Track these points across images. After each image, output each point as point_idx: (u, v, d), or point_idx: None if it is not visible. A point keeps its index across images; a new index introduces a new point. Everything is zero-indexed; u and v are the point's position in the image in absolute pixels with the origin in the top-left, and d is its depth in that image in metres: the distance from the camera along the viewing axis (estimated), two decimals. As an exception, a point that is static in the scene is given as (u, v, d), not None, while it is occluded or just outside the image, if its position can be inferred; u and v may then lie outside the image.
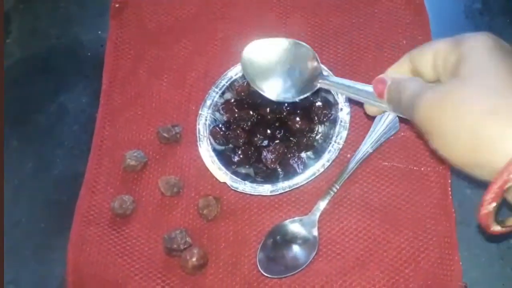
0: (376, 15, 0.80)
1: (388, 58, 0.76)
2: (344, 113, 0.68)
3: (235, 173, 0.68)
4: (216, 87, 0.73)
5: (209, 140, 0.70)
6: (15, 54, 0.86)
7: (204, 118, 0.71)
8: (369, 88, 0.47)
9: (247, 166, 0.70)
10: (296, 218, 0.66)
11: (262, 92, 0.57)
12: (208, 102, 0.72)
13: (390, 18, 0.79)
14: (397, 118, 0.70)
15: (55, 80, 0.83)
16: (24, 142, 0.78)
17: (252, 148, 0.69)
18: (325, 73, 0.58)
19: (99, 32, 0.85)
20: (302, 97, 0.55)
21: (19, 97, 0.82)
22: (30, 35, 0.88)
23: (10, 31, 0.88)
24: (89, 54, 0.84)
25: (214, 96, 0.73)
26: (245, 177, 0.68)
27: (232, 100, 0.72)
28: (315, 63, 0.56)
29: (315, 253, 0.63)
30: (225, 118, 0.72)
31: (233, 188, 0.67)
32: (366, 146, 0.69)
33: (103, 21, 0.85)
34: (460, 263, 0.61)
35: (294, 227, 0.65)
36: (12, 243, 0.70)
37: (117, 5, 0.85)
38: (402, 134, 0.70)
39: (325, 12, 0.80)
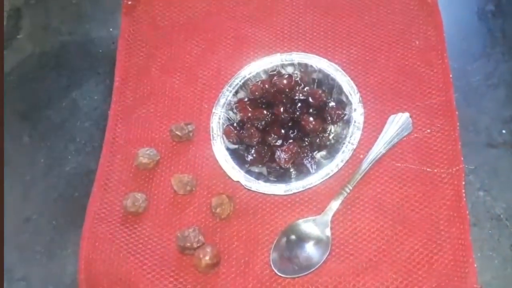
0: (389, 15, 0.79)
1: (401, 59, 0.76)
2: (357, 113, 0.68)
3: (248, 172, 0.68)
4: (230, 86, 0.73)
5: (223, 138, 0.70)
6: (27, 50, 0.86)
7: (218, 116, 0.71)
8: None
9: (260, 165, 0.70)
10: (309, 218, 0.66)
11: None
12: (222, 101, 0.72)
13: (403, 18, 0.79)
14: (410, 119, 0.70)
15: (67, 76, 0.83)
16: (36, 138, 0.78)
17: (266, 148, 0.69)
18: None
19: (111, 29, 0.85)
20: None
21: (31, 93, 0.82)
22: (42, 31, 0.88)
23: (21, 26, 0.88)
24: (100, 51, 0.84)
25: (227, 95, 0.73)
26: (258, 176, 0.68)
27: (246, 99, 0.72)
28: None
29: (328, 253, 0.63)
30: (238, 117, 0.72)
31: (246, 187, 0.67)
32: (379, 147, 0.68)
33: (115, 18, 0.85)
34: (475, 265, 0.61)
35: (308, 226, 0.65)
36: (23, 239, 0.71)
37: (129, 2, 0.85)
38: (415, 135, 0.70)
39: (338, 12, 0.80)
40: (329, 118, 0.70)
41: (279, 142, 0.69)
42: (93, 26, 0.87)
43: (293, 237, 0.65)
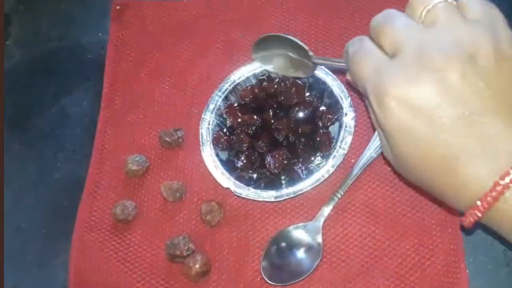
0: (380, 17, 0.78)
1: (392, 61, 0.75)
2: (348, 118, 0.68)
3: (238, 178, 0.67)
4: (219, 91, 0.73)
5: (212, 144, 0.69)
6: (15, 56, 0.85)
7: (207, 122, 0.71)
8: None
9: (250, 172, 0.69)
10: (300, 224, 0.65)
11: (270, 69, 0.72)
12: (211, 106, 0.72)
13: (394, 20, 0.78)
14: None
15: (56, 83, 0.82)
16: (25, 146, 0.77)
17: (256, 153, 0.68)
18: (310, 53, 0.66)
19: (100, 34, 0.84)
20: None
21: (20, 100, 0.81)
22: (31, 37, 0.87)
23: (10, 32, 0.87)
24: (90, 56, 0.83)
25: (217, 100, 0.72)
26: (249, 183, 0.67)
27: (236, 105, 0.72)
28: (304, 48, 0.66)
29: (319, 260, 0.63)
30: (228, 122, 0.71)
31: (236, 194, 0.66)
32: (370, 151, 0.68)
33: (104, 23, 0.84)
34: (467, 270, 0.61)
35: (298, 233, 0.65)
36: (13, 248, 0.70)
37: (118, 7, 0.84)
38: (407, 138, 0.69)
39: (329, 15, 0.80)
40: (320, 123, 0.69)
41: (266, 149, 0.68)
42: (82, 31, 0.86)
43: (283, 244, 0.64)
